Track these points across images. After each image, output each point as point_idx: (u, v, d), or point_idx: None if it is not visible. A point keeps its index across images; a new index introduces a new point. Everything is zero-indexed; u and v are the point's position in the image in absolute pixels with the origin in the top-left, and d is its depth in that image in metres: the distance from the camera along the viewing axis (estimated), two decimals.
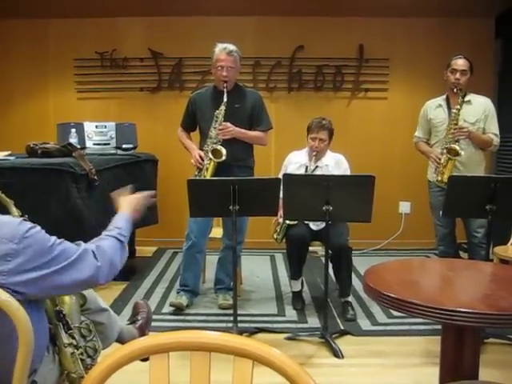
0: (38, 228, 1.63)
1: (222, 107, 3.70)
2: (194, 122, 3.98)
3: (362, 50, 5.79)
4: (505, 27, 5.64)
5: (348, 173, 4.02)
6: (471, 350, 2.15)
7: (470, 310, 1.83)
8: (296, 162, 4.06)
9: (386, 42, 5.80)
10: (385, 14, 5.66)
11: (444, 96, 4.09)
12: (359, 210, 3.28)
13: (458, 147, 3.80)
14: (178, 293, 4.02)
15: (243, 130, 3.83)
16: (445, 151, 3.86)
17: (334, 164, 4.01)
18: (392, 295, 1.95)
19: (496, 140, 3.92)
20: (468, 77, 3.91)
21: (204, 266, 4.39)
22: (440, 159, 3.88)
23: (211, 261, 4.39)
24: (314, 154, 3.92)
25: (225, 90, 3.70)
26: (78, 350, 1.88)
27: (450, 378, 2.10)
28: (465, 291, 2.21)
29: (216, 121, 3.72)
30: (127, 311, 3.89)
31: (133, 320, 2.68)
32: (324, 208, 3.21)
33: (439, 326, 2.25)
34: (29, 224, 1.60)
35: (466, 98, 3.92)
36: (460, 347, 2.13)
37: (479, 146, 3.95)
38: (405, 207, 5.99)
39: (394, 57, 5.81)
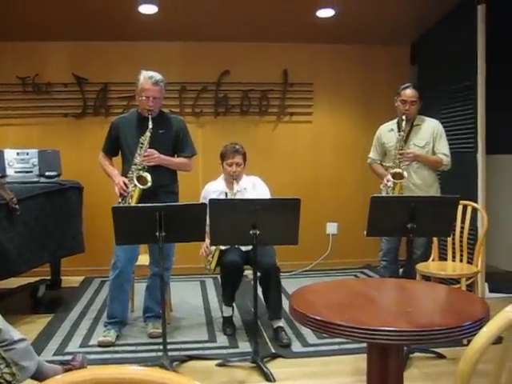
0: None
1: (148, 133, 3.67)
2: (116, 146, 3.92)
3: (286, 75, 5.92)
4: (419, 54, 5.93)
5: (267, 191, 4.11)
6: (395, 366, 2.19)
7: (391, 329, 1.87)
8: (215, 190, 4.09)
9: (309, 67, 5.97)
10: (308, 40, 5.83)
11: (395, 121, 4.26)
12: (286, 233, 3.31)
13: (400, 170, 3.97)
14: (105, 326, 3.91)
15: (168, 157, 3.82)
16: (390, 176, 4.00)
17: (252, 186, 4.09)
18: (317, 317, 1.96)
19: (446, 159, 4.11)
20: (417, 106, 4.11)
21: (132, 294, 4.29)
22: (387, 184, 4.01)
23: (139, 288, 4.31)
24: (234, 178, 3.96)
25: (149, 116, 3.68)
26: None
27: None
28: (387, 310, 2.26)
29: (141, 147, 3.69)
30: (52, 345, 3.75)
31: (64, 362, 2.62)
32: (251, 232, 3.22)
33: None
34: None
35: (416, 122, 4.16)
36: (384, 364, 2.17)
37: (429, 166, 4.14)
38: (332, 228, 6.11)
39: (317, 81, 5.98)
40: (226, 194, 4.01)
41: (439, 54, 5.42)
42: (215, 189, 4.11)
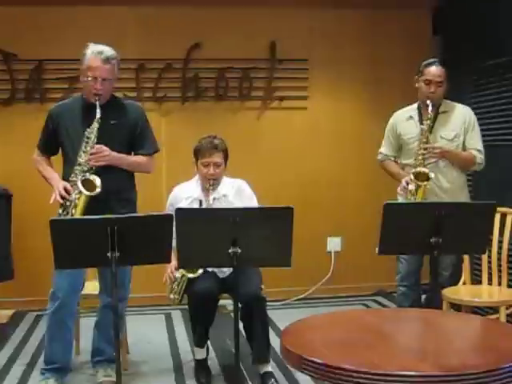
0: None
1: (95, 125, 3.65)
2: (55, 143, 3.90)
3: (274, 49, 5.93)
4: (443, 21, 5.96)
5: (254, 200, 4.09)
6: None
7: (412, 373, 1.88)
8: (186, 196, 4.07)
9: (304, 38, 5.97)
10: (302, 4, 5.84)
11: (415, 106, 4.26)
12: (275, 252, 3.28)
13: (427, 170, 3.95)
14: (42, 374, 3.87)
15: (122, 155, 3.81)
16: (412, 177, 3.97)
17: (235, 192, 4.07)
18: (316, 360, 1.96)
19: (480, 157, 4.13)
20: (444, 87, 4.12)
21: (77, 333, 4.28)
22: (406, 187, 3.99)
23: (86, 325, 4.29)
24: (211, 183, 3.94)
25: (97, 102, 3.66)
26: None
27: None
28: (407, 349, 2.26)
29: (87, 142, 3.66)
30: None
31: None
32: (230, 251, 3.19)
33: None
34: None
35: (442, 109, 4.17)
36: None
37: (459, 166, 4.15)
38: (334, 244, 6.12)
39: (314, 57, 5.99)
40: (201, 203, 3.98)
41: (469, 22, 5.44)
42: (188, 194, 4.08)
